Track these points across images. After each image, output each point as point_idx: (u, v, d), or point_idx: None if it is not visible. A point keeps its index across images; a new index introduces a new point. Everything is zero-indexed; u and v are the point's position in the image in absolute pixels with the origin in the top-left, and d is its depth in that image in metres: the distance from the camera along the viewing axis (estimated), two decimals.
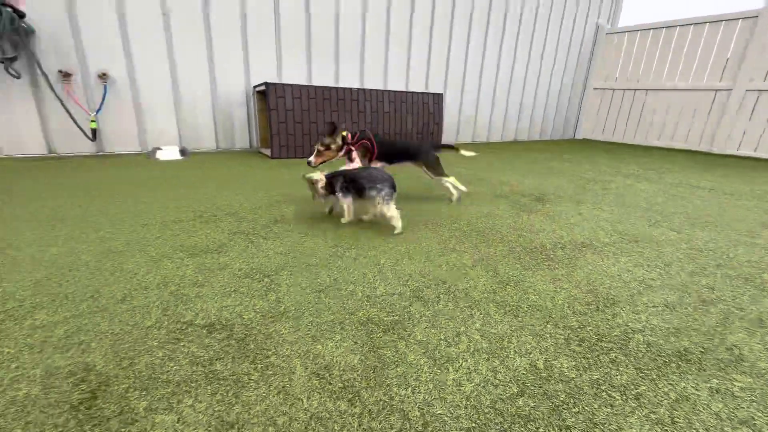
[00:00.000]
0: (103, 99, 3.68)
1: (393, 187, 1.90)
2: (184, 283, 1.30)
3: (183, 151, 3.95)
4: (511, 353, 1.01)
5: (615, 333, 1.12)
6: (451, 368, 0.94)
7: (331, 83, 4.91)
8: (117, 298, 1.19)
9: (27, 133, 3.52)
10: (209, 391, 0.84)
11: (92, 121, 3.65)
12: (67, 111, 3.50)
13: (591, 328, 1.14)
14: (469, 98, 6.23)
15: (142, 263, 1.44)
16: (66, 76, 3.49)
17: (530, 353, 1.01)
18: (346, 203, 1.98)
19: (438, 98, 4.87)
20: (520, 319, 1.17)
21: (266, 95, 3.80)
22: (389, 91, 4.53)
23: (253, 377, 0.88)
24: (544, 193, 2.88)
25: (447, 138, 6.02)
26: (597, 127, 7.72)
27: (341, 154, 2.32)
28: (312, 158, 2.28)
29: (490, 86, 6.39)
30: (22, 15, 3.17)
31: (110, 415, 0.77)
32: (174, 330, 1.04)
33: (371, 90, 4.38)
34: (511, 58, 6.45)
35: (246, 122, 4.54)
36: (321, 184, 1.95)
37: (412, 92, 4.71)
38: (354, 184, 1.91)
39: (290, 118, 3.95)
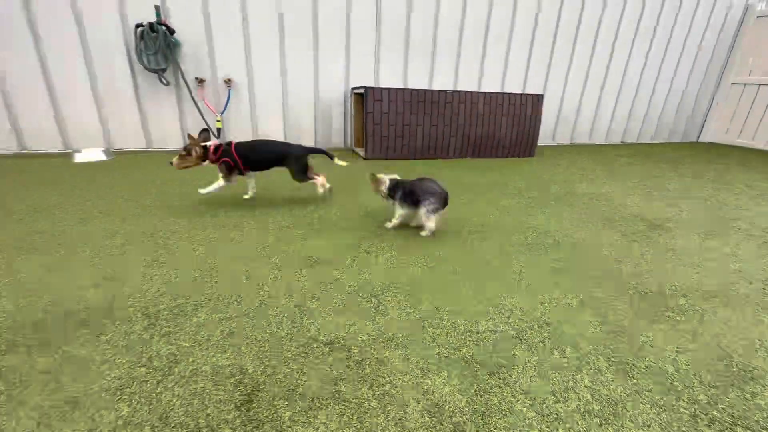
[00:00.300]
0: (227, 102, 4.21)
1: (443, 203, 2.00)
2: (305, 295, 1.48)
3: None
4: (626, 422, 0.97)
5: (756, 418, 1.00)
6: (561, 429, 0.94)
7: (425, 83, 4.92)
8: (255, 305, 1.41)
9: (169, 131, 4.20)
10: (338, 411, 0.97)
11: (218, 121, 4.21)
12: (200, 112, 4.09)
13: (724, 406, 1.03)
14: (571, 97, 5.73)
15: (268, 271, 1.67)
16: (200, 82, 4.06)
17: (649, 426, 0.96)
18: (399, 212, 2.13)
19: (538, 100, 4.58)
20: (635, 381, 1.11)
21: (364, 98, 3.97)
22: (485, 92, 4.38)
23: (372, 404, 1.00)
24: (660, 217, 2.58)
25: (542, 140, 5.65)
26: (732, 129, 6.53)
27: (204, 163, 2.38)
28: (174, 160, 2.32)
29: (596, 84, 5.79)
30: (172, 31, 3.75)
31: (264, 420, 0.94)
32: (302, 344, 1.21)
33: (466, 92, 4.29)
34: (625, 53, 5.74)
35: (342, 121, 4.81)
36: (383, 186, 2.12)
37: (509, 93, 4.49)
38: (412, 196, 2.04)
39: (385, 121, 4.08)
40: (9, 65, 3.53)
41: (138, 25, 3.65)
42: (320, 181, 2.58)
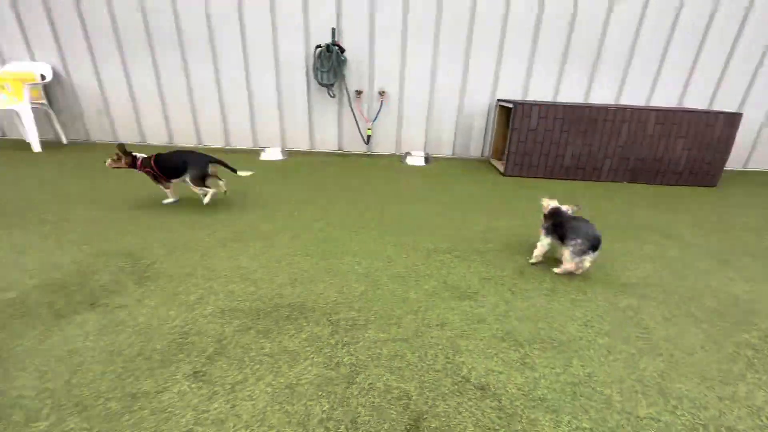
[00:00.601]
0: (378, 111, 4.63)
1: (593, 246, 1.90)
2: (455, 331, 1.63)
3: (427, 159, 4.58)
4: None
5: None
6: None
7: (580, 96, 4.51)
8: (411, 330, 1.63)
9: (329, 135, 4.85)
10: None
11: (369, 129, 4.67)
12: (355, 120, 4.61)
13: None
14: None
15: (421, 296, 1.87)
16: (359, 94, 4.56)
17: None
18: (543, 242, 2.11)
19: (733, 119, 3.75)
20: None
21: (512, 113, 3.88)
22: (658, 109, 3.79)
23: None
24: None
25: (731, 164, 4.61)
26: None
27: (136, 171, 2.79)
28: (108, 161, 2.74)
29: None
30: (343, 50, 4.28)
31: None
32: (456, 382, 1.36)
33: (633, 108, 3.79)
34: None
35: (483, 132, 4.79)
36: (544, 210, 2.16)
37: (693, 111, 3.79)
38: (560, 229, 2.01)
39: (531, 138, 3.92)
40: (224, 76, 4.57)
41: (317, 47, 4.28)
42: (209, 192, 2.82)
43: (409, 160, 4.54)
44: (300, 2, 4.20)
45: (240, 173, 2.88)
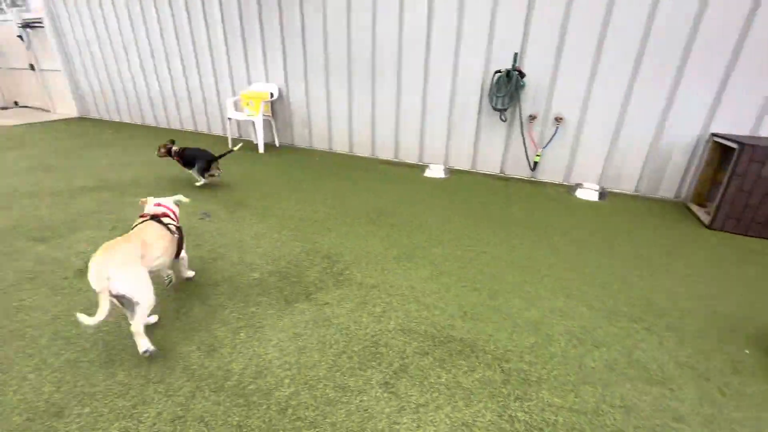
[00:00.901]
0: (552, 138, 4.39)
1: None
2: (644, 421, 1.49)
3: (602, 194, 4.12)
4: None
5: None
6: None
7: None
8: (591, 406, 1.55)
9: (492, 157, 4.85)
10: None
11: (538, 155, 4.48)
12: (524, 145, 4.48)
13: None
14: None
15: (600, 366, 1.76)
16: (532, 119, 4.41)
17: None
18: None
19: None
20: None
21: (735, 155, 3.16)
22: None
23: None
24: None
25: None
26: None
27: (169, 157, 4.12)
28: (156, 153, 4.14)
29: None
30: (523, 75, 4.21)
31: None
32: None
33: None
34: None
35: (682, 170, 4.02)
36: None
37: None
38: None
39: (759, 189, 3.11)
40: (403, 97, 5.05)
41: (496, 72, 4.32)
42: (202, 181, 4.08)
43: (581, 194, 4.17)
44: (486, 26, 4.30)
45: (234, 148, 4.22)
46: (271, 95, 5.77)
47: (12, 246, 2.75)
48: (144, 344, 1.71)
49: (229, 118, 5.70)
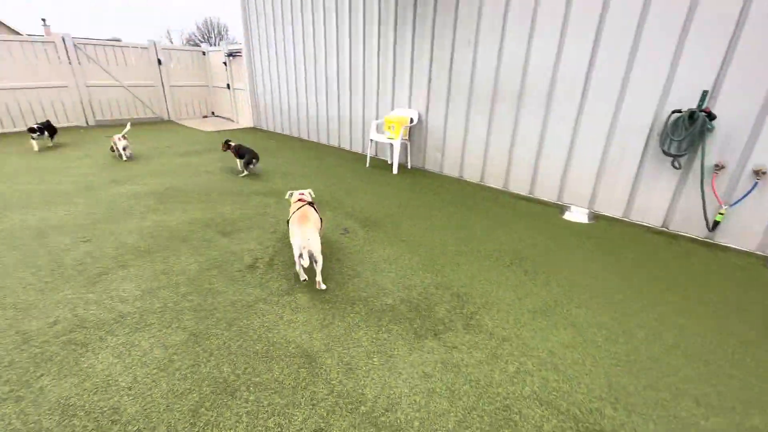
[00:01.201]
0: (747, 194, 3.52)
1: None
2: None
3: None
4: None
5: None
6: None
7: None
8: None
9: (654, 207, 4.14)
10: None
11: (721, 212, 3.65)
12: (702, 199, 3.70)
13: None
14: None
15: None
16: (719, 169, 3.62)
17: None
18: None
19: None
20: None
21: None
22: None
23: None
24: None
25: None
26: None
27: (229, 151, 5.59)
28: (222, 146, 5.69)
29: None
30: (713, 117, 3.51)
31: None
32: None
33: None
34: None
35: None
36: None
37: None
38: None
39: None
40: (549, 129, 4.72)
41: (674, 111, 3.70)
42: (244, 172, 5.38)
43: None
44: (668, 58, 3.73)
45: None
46: (411, 120, 6.07)
47: (206, 237, 3.47)
48: (323, 285, 2.66)
49: (371, 140, 6.21)
